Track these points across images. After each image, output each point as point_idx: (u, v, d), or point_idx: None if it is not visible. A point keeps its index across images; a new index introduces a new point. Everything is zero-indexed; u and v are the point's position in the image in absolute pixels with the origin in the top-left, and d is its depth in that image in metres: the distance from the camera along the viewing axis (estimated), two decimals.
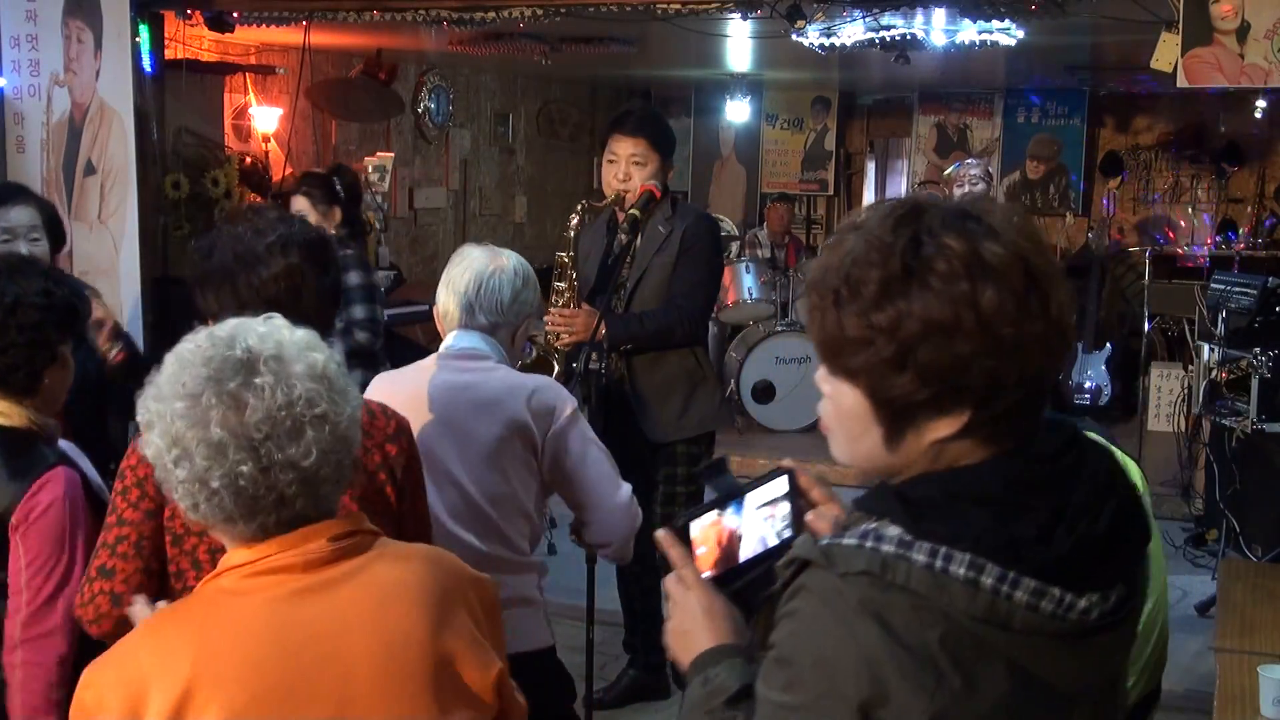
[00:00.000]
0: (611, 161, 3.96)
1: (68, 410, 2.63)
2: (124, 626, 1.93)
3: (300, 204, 4.56)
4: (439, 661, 1.55)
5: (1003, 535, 1.20)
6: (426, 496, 2.28)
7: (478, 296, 2.73)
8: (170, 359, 1.53)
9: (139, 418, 1.54)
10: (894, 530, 1.24)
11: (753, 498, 1.48)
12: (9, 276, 2.43)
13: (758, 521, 1.46)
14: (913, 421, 1.26)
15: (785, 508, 1.46)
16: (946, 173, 6.78)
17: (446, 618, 1.57)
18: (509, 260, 2.81)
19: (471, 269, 2.77)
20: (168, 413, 1.48)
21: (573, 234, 3.97)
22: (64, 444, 2.50)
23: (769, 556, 1.40)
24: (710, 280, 4.08)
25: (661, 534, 1.44)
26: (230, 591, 1.52)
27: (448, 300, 2.76)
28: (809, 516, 1.45)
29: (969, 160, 6.59)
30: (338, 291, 2.26)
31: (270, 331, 1.54)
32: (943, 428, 1.25)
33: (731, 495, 1.47)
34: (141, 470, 2.04)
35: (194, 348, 1.52)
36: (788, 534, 1.43)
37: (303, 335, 1.57)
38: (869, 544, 1.23)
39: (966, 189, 6.25)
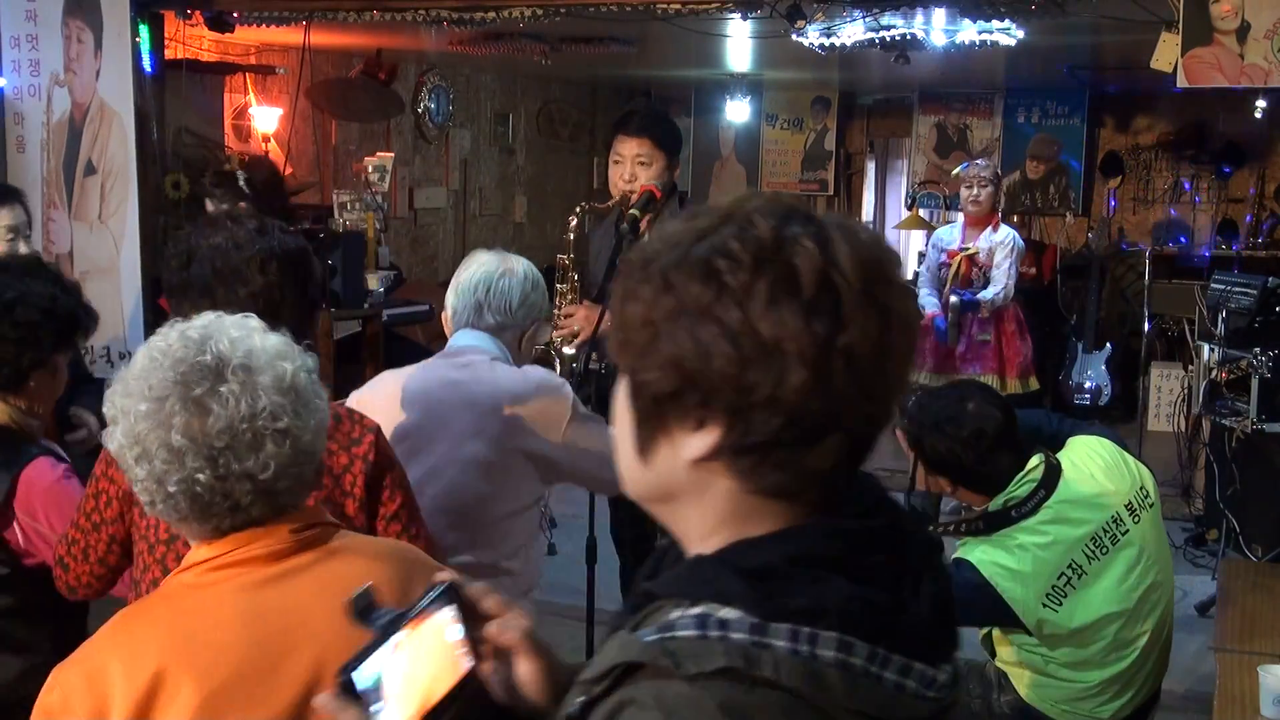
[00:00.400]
0: (617, 162, 3.94)
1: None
2: (93, 597, 2.26)
3: (209, 207, 4.62)
4: None
5: (864, 605, 1.01)
6: (409, 499, 2.26)
7: (487, 297, 2.75)
8: (141, 354, 1.54)
9: (105, 410, 1.55)
10: (731, 613, 1.00)
11: (422, 627, 1.19)
12: (19, 276, 2.45)
13: (434, 653, 1.19)
14: (663, 423, 1.06)
15: (458, 630, 1.20)
16: (955, 172, 6.75)
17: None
18: (519, 265, 2.83)
19: (481, 271, 2.79)
20: (132, 411, 1.49)
21: (572, 236, 3.94)
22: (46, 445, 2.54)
23: (458, 694, 1.18)
24: None
25: (323, 702, 1.14)
26: (194, 585, 1.53)
27: (456, 301, 2.77)
28: (491, 630, 1.20)
29: (978, 161, 6.59)
30: (318, 301, 2.27)
31: (242, 337, 1.54)
32: (696, 443, 1.04)
33: (391, 629, 1.17)
34: (103, 483, 2.14)
35: (165, 346, 1.52)
36: (467, 663, 1.19)
37: (275, 343, 1.57)
38: (714, 633, 0.99)
39: (975, 191, 6.24)
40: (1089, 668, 2.98)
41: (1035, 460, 2.95)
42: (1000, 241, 6.31)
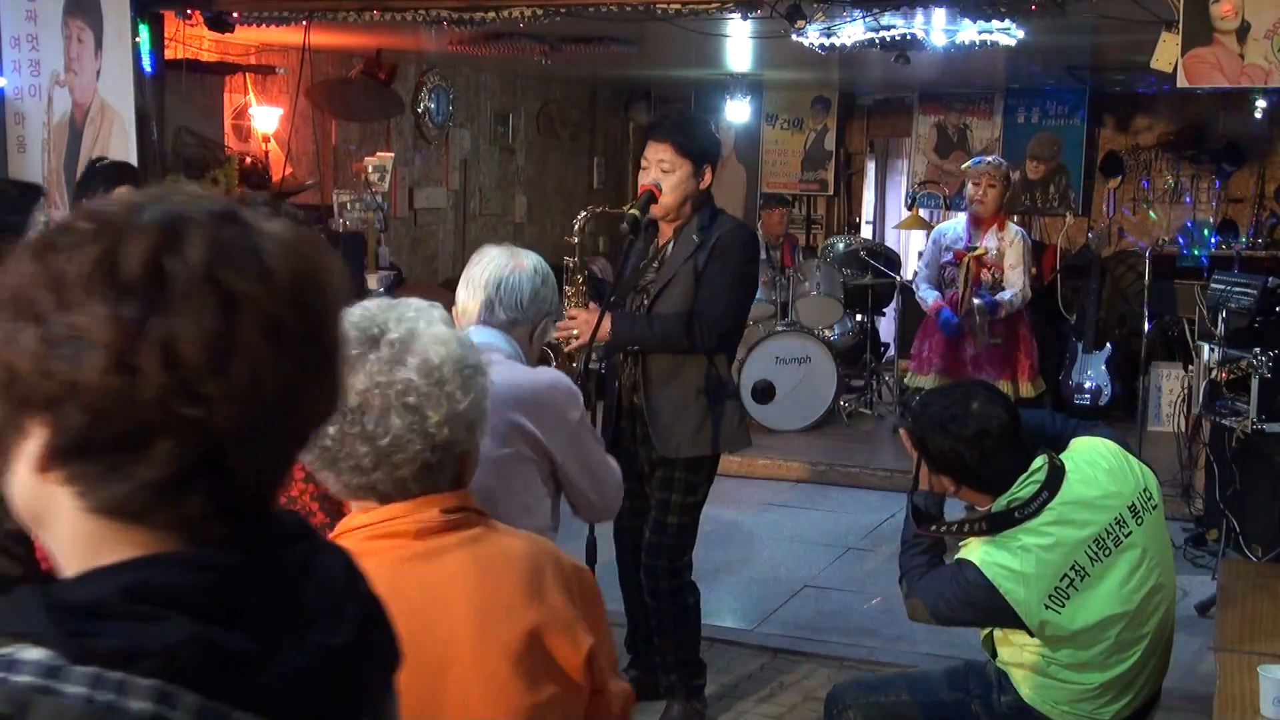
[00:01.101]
0: (645, 168, 3.88)
1: None
2: None
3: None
4: (530, 634, 1.60)
5: (209, 650, 0.87)
6: None
7: (498, 293, 2.75)
8: None
9: None
10: (36, 653, 0.86)
11: None
12: None
13: None
14: (3, 429, 0.93)
15: None
16: (965, 166, 6.51)
17: (541, 594, 1.62)
18: (529, 260, 2.82)
19: (492, 266, 2.79)
20: None
21: (576, 239, 3.92)
22: None
23: None
24: (734, 290, 3.88)
25: None
26: (351, 552, 1.56)
27: (467, 298, 2.77)
28: None
29: (989, 158, 6.27)
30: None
31: (412, 319, 1.65)
32: (29, 448, 0.92)
33: None
34: None
35: (358, 311, 1.65)
36: None
37: (442, 333, 1.66)
38: None
39: (981, 189, 6.05)
40: (1090, 669, 2.98)
41: (1039, 461, 2.95)
42: (1010, 242, 6.12)
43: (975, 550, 2.94)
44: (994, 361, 6.10)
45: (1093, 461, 3.00)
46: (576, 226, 3.88)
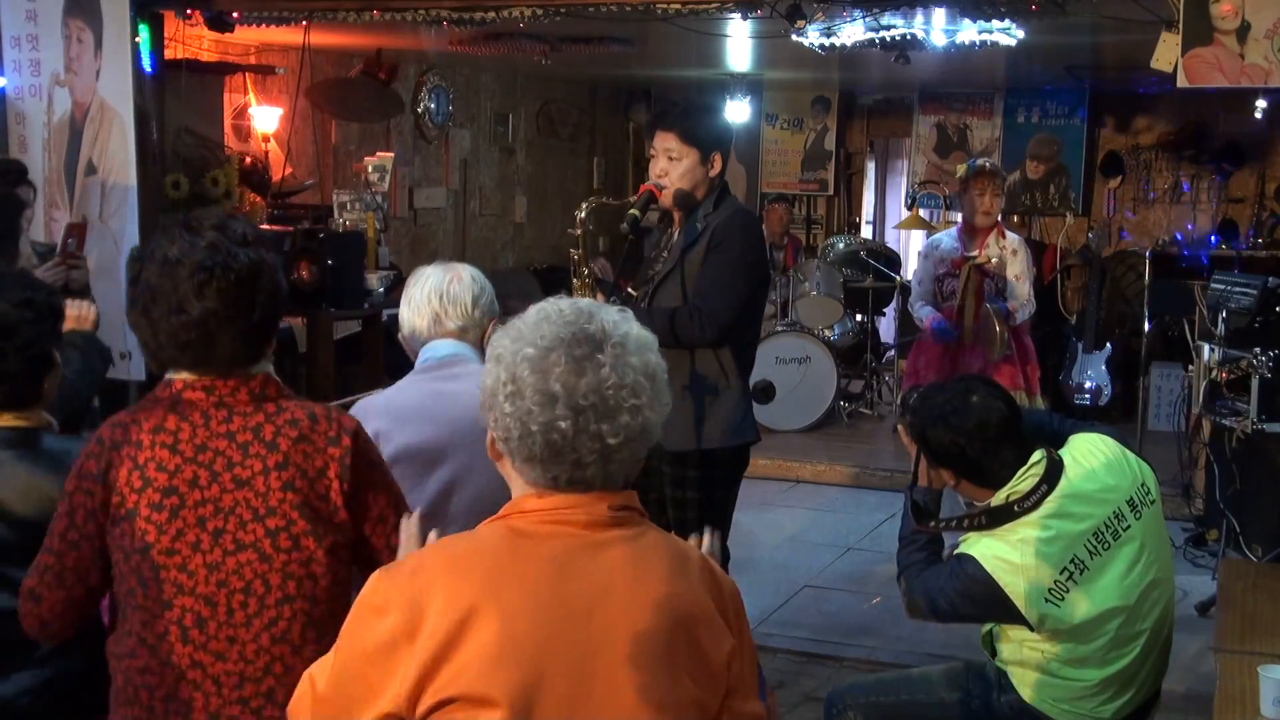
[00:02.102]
0: (652, 157, 3.85)
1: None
2: (53, 641, 2.20)
3: None
4: (680, 627, 1.64)
5: None
6: (396, 500, 2.24)
7: (442, 304, 2.82)
8: (534, 311, 1.71)
9: (490, 350, 1.71)
10: None
11: None
12: None
13: None
14: None
15: None
16: (960, 174, 6.18)
17: (694, 592, 1.68)
18: (465, 271, 2.89)
19: (430, 282, 2.87)
20: (519, 353, 1.65)
21: (579, 231, 3.86)
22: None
23: None
24: (736, 279, 3.76)
25: None
26: (521, 533, 1.66)
27: (412, 315, 2.82)
28: None
29: (987, 163, 5.99)
30: (270, 323, 2.19)
31: (621, 321, 1.72)
32: None
33: None
34: (76, 498, 2.10)
35: (558, 311, 1.69)
36: None
37: (647, 337, 1.74)
38: None
39: (987, 200, 5.75)
40: (1090, 665, 2.98)
41: (1038, 455, 2.95)
42: (1012, 251, 5.90)
43: (974, 544, 2.94)
44: (1002, 374, 5.77)
45: (1091, 456, 3.00)
46: (580, 217, 3.79)
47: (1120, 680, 3.01)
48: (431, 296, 2.82)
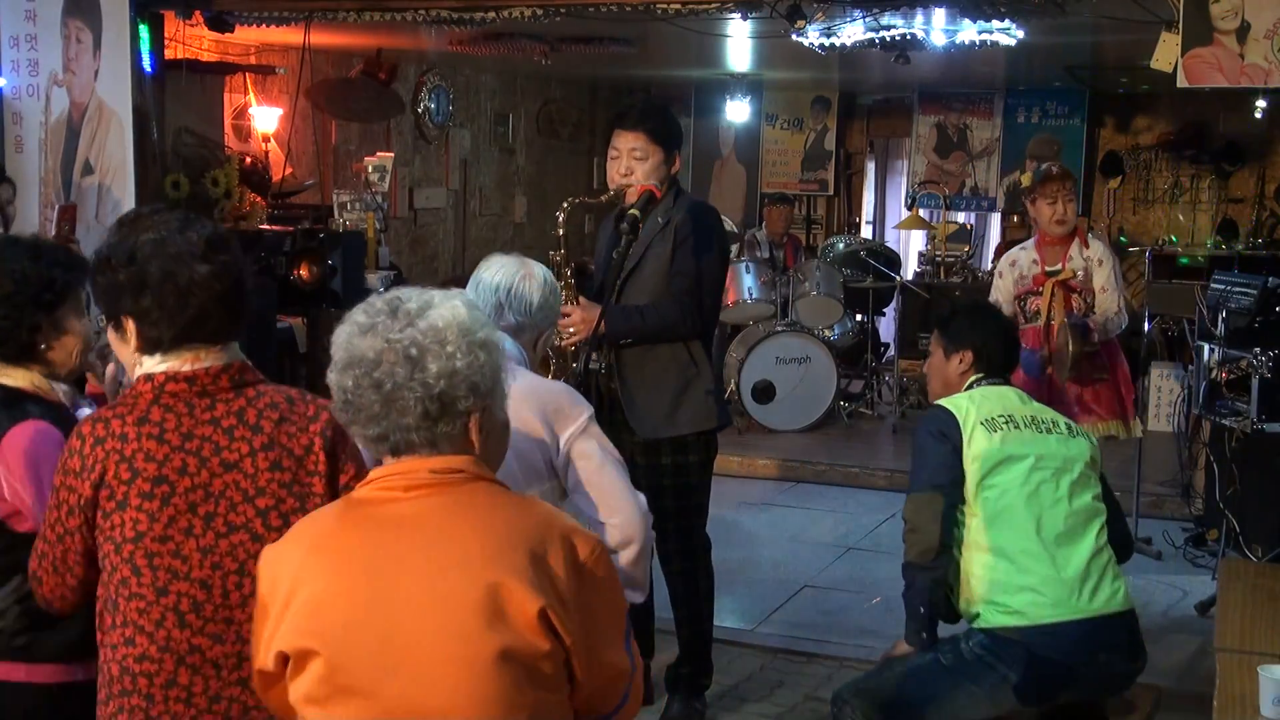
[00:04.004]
0: (614, 158, 3.93)
1: None
2: (69, 611, 2.25)
3: None
4: (482, 584, 1.74)
5: None
6: (359, 467, 2.25)
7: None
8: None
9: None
10: None
11: None
12: None
13: None
14: None
15: None
16: (1026, 181, 5.41)
17: (502, 551, 1.76)
18: (538, 269, 2.93)
19: (503, 271, 2.88)
20: (336, 333, 1.85)
21: (562, 231, 3.92)
22: (84, 410, 2.58)
23: None
24: (708, 270, 3.95)
25: None
26: (354, 501, 1.86)
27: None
28: None
29: (1053, 168, 5.27)
30: (238, 307, 2.21)
31: (429, 297, 1.86)
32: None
33: None
34: (63, 493, 2.15)
35: (378, 296, 1.88)
36: None
37: (455, 305, 1.85)
38: None
39: (1060, 207, 5.10)
40: (1029, 557, 3.20)
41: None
42: (1098, 260, 5.17)
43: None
44: (1101, 400, 5.21)
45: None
46: (560, 219, 3.89)
47: (1063, 579, 3.19)
48: (500, 286, 2.84)
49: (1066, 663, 3.15)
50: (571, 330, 3.76)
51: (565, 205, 3.92)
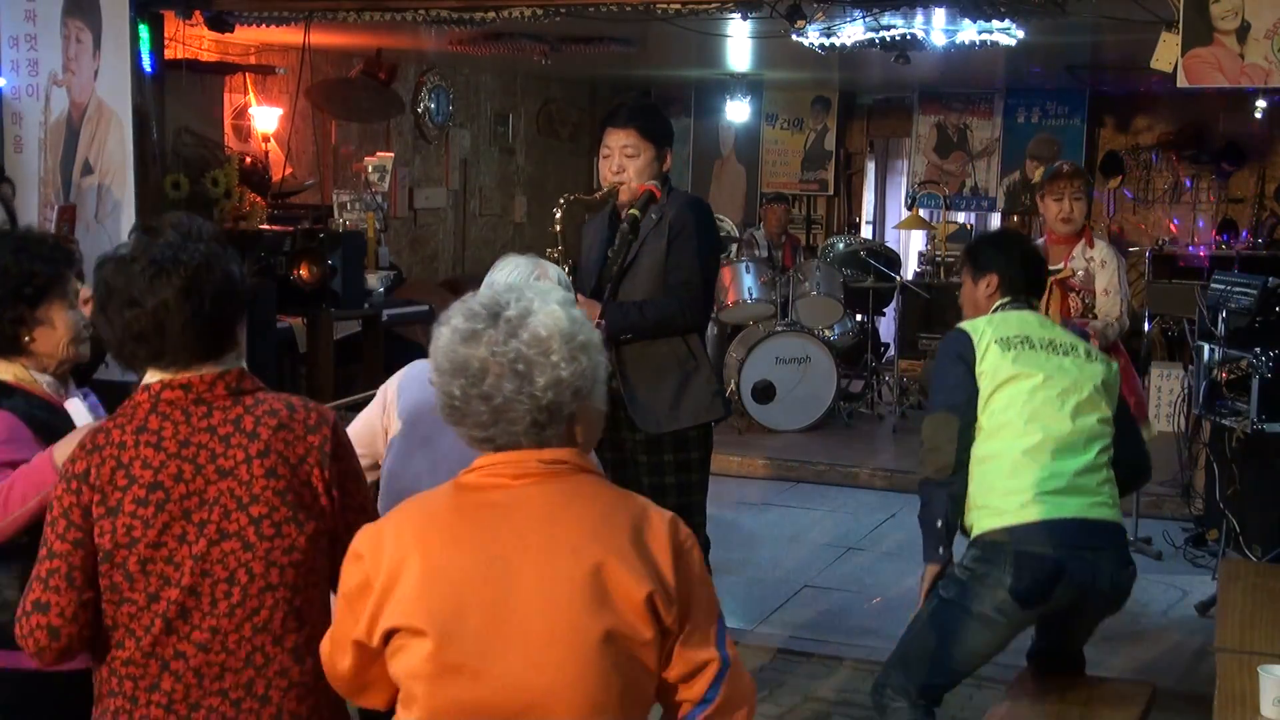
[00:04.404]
0: (606, 156, 3.97)
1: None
2: (65, 657, 2.10)
3: None
4: (592, 570, 1.81)
5: None
6: (363, 485, 2.28)
7: None
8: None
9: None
10: None
11: None
12: None
13: None
14: None
15: None
16: (1038, 179, 5.49)
17: (612, 538, 1.84)
18: (552, 269, 2.96)
19: (518, 272, 2.92)
20: (437, 337, 1.90)
21: (559, 228, 3.94)
22: (73, 400, 2.59)
23: None
24: (703, 264, 3.99)
25: None
26: (462, 486, 1.91)
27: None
28: None
29: (1065, 166, 5.23)
30: (225, 315, 2.16)
31: (528, 300, 1.90)
32: None
33: None
34: (67, 500, 2.11)
35: (474, 298, 1.92)
36: None
37: (554, 310, 1.89)
38: None
39: (1067, 205, 5.08)
40: (1023, 470, 3.29)
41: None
42: (1101, 263, 5.10)
43: None
44: None
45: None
46: (557, 215, 3.92)
47: (1045, 483, 3.27)
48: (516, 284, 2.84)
49: (1054, 556, 3.22)
50: None
51: (561, 202, 3.94)
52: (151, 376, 2.16)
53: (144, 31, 5.79)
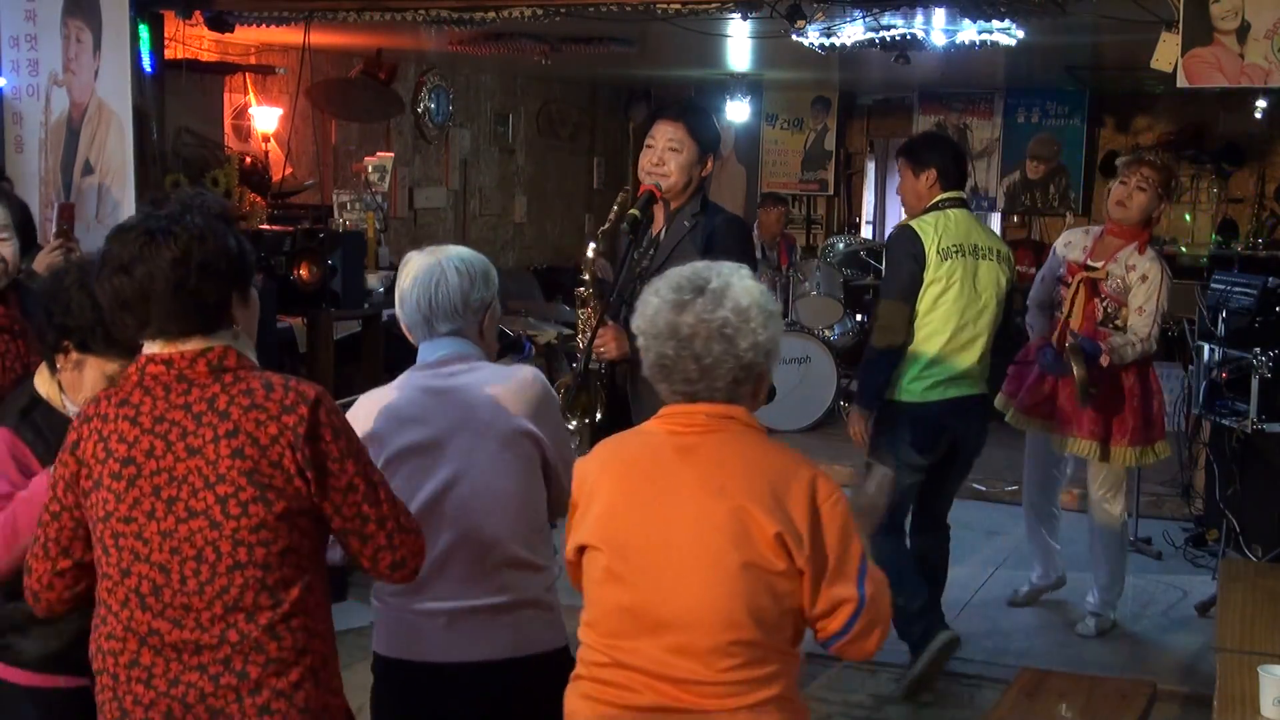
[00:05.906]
0: (649, 146, 3.89)
1: None
2: (52, 614, 2.27)
3: None
4: (735, 509, 2.15)
5: None
6: (365, 470, 2.21)
7: (430, 309, 2.67)
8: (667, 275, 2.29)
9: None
10: None
11: None
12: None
13: None
14: None
15: None
16: (1119, 160, 5.17)
17: (751, 484, 2.17)
18: (451, 266, 2.69)
19: (419, 285, 2.69)
20: (646, 303, 2.23)
21: (587, 275, 3.84)
22: None
23: None
24: None
25: None
26: (644, 431, 2.33)
27: (405, 319, 2.73)
28: None
29: (1149, 156, 5.07)
30: (217, 289, 2.15)
31: (727, 274, 2.23)
32: None
33: None
34: (59, 471, 2.19)
35: (676, 273, 2.25)
36: None
37: (749, 284, 2.22)
38: None
39: (1129, 189, 4.82)
40: (947, 356, 4.38)
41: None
42: (1143, 275, 4.74)
43: None
44: (1083, 417, 4.82)
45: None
46: (590, 254, 3.86)
47: (956, 369, 4.37)
48: (421, 303, 2.68)
49: (940, 423, 4.41)
50: (603, 349, 3.72)
51: (593, 244, 3.86)
52: (146, 349, 2.16)
53: (144, 31, 5.79)
